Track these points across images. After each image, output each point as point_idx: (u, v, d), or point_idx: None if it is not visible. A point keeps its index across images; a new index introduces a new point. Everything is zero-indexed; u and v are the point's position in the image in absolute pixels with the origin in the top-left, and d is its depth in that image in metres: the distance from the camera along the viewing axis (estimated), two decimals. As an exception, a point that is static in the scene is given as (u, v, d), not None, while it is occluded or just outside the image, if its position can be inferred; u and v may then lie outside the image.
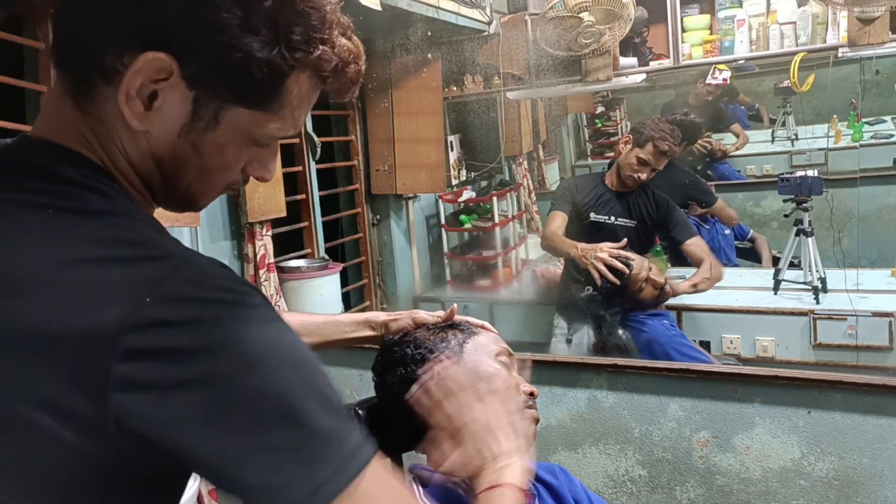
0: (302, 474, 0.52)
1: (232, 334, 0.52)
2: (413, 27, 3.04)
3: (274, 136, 0.62)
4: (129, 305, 0.50)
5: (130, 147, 0.59)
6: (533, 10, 3.17)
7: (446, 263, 3.71)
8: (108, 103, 0.57)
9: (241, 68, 0.55)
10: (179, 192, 0.63)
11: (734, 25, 2.90)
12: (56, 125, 0.59)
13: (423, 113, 3.32)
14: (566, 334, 2.71)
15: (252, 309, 0.55)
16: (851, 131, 3.86)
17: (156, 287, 0.51)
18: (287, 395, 0.53)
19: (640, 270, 2.39)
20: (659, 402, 1.71)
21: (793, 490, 1.59)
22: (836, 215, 2.92)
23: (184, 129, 0.58)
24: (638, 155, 2.56)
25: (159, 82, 0.55)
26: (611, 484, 1.78)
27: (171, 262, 0.53)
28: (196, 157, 0.60)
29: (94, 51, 0.55)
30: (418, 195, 3.59)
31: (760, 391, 1.62)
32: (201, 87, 0.56)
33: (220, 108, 0.58)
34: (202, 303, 0.52)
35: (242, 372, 0.52)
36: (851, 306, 2.57)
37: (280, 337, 0.56)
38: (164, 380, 0.50)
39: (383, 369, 1.03)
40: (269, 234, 2.51)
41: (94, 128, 0.58)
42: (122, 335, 0.49)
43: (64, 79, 0.59)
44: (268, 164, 0.66)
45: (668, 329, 2.45)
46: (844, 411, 1.54)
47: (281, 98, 0.59)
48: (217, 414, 0.51)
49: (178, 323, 0.51)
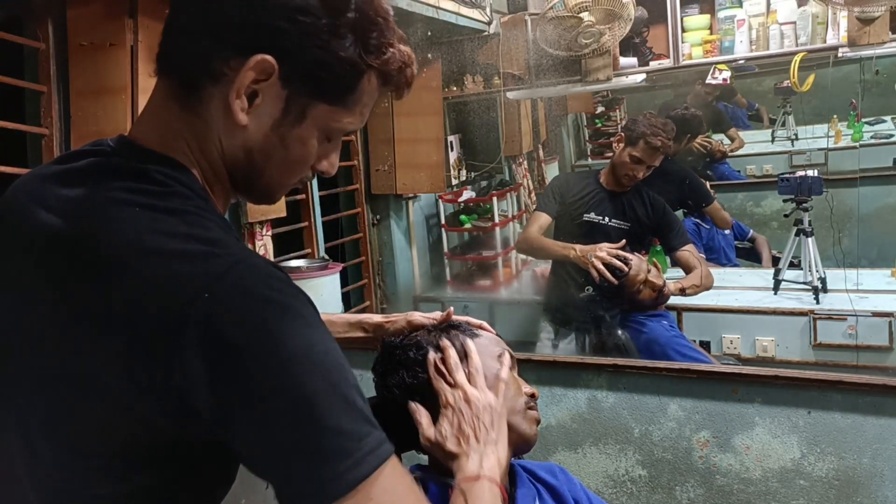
0: (324, 465, 0.59)
1: (274, 334, 0.59)
2: (413, 27, 3.04)
3: (345, 130, 0.72)
4: (190, 297, 0.58)
5: (227, 141, 0.68)
6: (533, 10, 3.17)
7: (446, 263, 3.70)
8: (212, 102, 0.67)
9: (328, 68, 0.66)
10: (262, 182, 0.72)
11: (734, 25, 2.90)
12: (154, 129, 0.69)
13: (423, 113, 3.32)
14: (552, 339, 2.69)
15: (296, 311, 0.61)
16: (851, 131, 3.87)
17: (214, 283, 0.59)
18: (316, 395, 0.59)
19: (638, 272, 2.38)
20: (659, 402, 1.71)
21: (793, 490, 1.59)
22: (836, 215, 2.92)
23: (276, 124, 0.67)
24: (631, 153, 2.53)
25: (260, 83, 0.65)
26: (611, 484, 1.78)
27: (229, 260, 0.61)
28: (282, 150, 0.69)
29: (205, 57, 0.65)
30: (418, 195, 3.59)
31: (760, 391, 1.62)
32: (293, 86, 0.66)
33: (307, 104, 0.67)
34: (251, 301, 0.59)
35: (278, 370, 0.58)
36: (851, 306, 2.57)
37: (317, 341, 0.62)
38: (214, 368, 0.58)
39: (384, 370, 1.03)
40: (269, 234, 2.51)
41: (196, 126, 0.68)
42: (183, 325, 0.57)
43: (169, 84, 0.68)
44: (333, 160, 0.75)
45: (667, 330, 2.45)
46: (844, 411, 1.54)
47: (356, 95, 0.69)
48: (250, 404, 0.58)
49: (227, 320, 0.58)
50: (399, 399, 0.99)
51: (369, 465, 0.60)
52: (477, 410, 0.90)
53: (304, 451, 0.59)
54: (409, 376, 0.98)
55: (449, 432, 0.89)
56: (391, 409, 1.01)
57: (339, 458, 0.59)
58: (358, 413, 0.62)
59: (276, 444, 0.59)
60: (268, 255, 2.49)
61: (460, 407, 0.90)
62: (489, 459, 0.86)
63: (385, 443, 0.63)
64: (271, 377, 0.58)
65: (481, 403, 0.90)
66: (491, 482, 0.83)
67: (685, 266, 2.61)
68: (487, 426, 0.89)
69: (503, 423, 0.92)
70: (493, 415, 0.91)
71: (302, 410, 0.59)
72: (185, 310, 0.57)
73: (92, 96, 1.91)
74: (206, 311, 0.57)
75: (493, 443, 0.88)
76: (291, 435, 0.59)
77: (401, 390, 0.99)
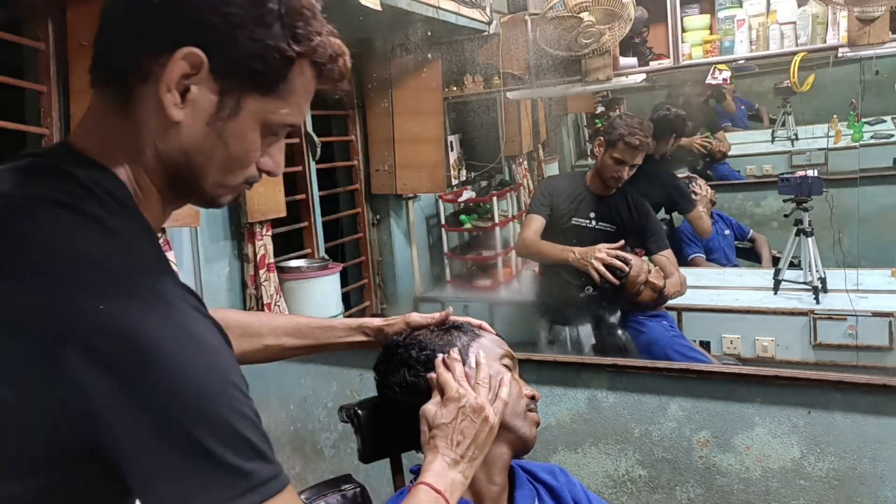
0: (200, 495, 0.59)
1: (153, 360, 0.58)
2: (413, 27, 3.04)
3: (284, 122, 0.71)
4: (77, 310, 0.57)
5: (163, 142, 0.67)
6: (533, 10, 3.16)
7: (446, 263, 3.70)
8: (144, 102, 0.66)
9: (258, 58, 0.65)
10: (204, 184, 0.71)
11: (734, 25, 2.89)
12: (89, 134, 0.69)
13: (423, 113, 3.32)
14: (548, 336, 2.69)
15: (178, 337, 0.60)
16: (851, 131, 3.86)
17: (102, 299, 0.58)
18: (197, 426, 0.59)
19: (638, 273, 2.38)
20: (659, 402, 1.71)
21: (793, 490, 1.59)
22: (836, 215, 2.92)
23: (211, 119, 0.67)
24: (612, 155, 2.53)
25: (191, 77, 0.64)
26: (611, 484, 1.78)
27: (128, 276, 0.61)
28: (222, 147, 0.68)
29: (134, 57, 0.65)
30: (418, 195, 3.59)
31: (760, 391, 1.62)
32: (225, 78, 0.66)
33: (241, 96, 0.67)
34: (135, 325, 0.58)
35: (155, 401, 0.58)
36: (851, 306, 2.57)
37: (202, 370, 0.61)
38: (93, 385, 0.57)
39: (386, 369, 1.03)
40: (269, 234, 2.51)
41: (129, 129, 0.67)
42: (67, 337, 0.57)
43: (103, 90, 0.69)
44: (277, 157, 0.74)
45: (667, 330, 2.45)
46: (844, 411, 1.54)
47: (288, 84, 0.69)
48: (129, 431, 0.58)
49: (107, 339, 0.57)
50: (401, 398, 0.99)
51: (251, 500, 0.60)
52: (477, 424, 0.90)
53: (177, 480, 0.58)
54: (411, 375, 0.98)
55: (446, 424, 0.90)
56: (392, 407, 1.01)
57: (216, 490, 0.59)
58: (243, 444, 0.61)
59: (152, 473, 0.59)
60: (268, 256, 2.49)
61: (467, 412, 0.91)
62: (457, 478, 0.88)
63: (273, 479, 0.62)
64: (150, 407, 0.57)
65: (486, 418, 0.91)
66: (440, 497, 0.85)
67: (661, 270, 2.62)
68: (479, 444, 0.90)
69: (490, 442, 0.92)
70: (489, 435, 0.92)
71: (180, 441, 0.58)
72: (72, 320, 0.57)
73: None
74: (88, 327, 0.57)
75: (471, 461, 0.90)
76: (167, 465, 0.58)
77: (402, 389, 0.99)
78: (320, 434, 2.21)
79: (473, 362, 0.98)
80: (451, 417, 0.90)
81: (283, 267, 2.65)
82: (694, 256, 3.49)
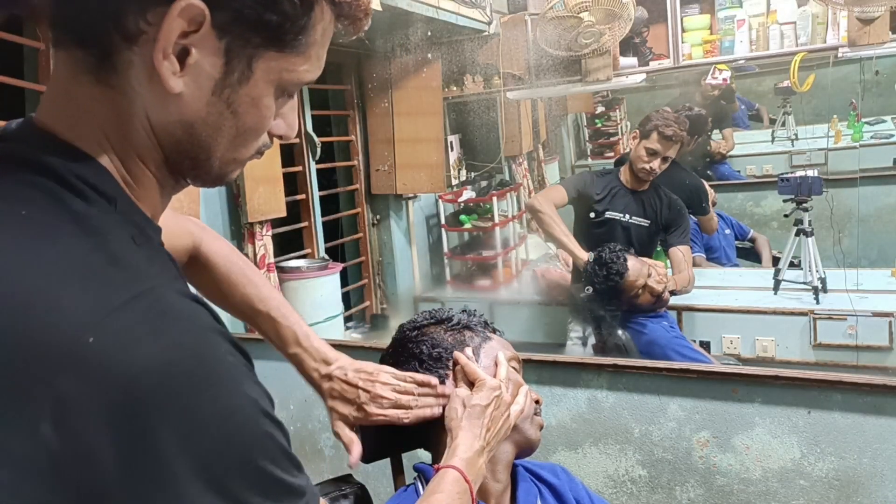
0: None
1: (180, 398, 0.47)
2: (413, 27, 3.04)
3: (303, 80, 0.59)
4: (71, 338, 0.45)
5: (158, 116, 0.54)
6: (533, 10, 3.17)
7: (446, 263, 3.71)
8: (131, 70, 0.52)
9: (273, 4, 0.52)
10: (211, 161, 0.58)
11: (734, 25, 2.90)
12: (60, 109, 0.55)
13: (423, 113, 3.32)
14: (581, 337, 2.70)
15: (209, 366, 0.50)
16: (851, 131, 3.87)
17: (104, 320, 0.46)
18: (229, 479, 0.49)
19: (637, 277, 2.39)
20: (659, 402, 1.71)
21: (793, 490, 1.59)
22: (836, 215, 2.92)
23: (218, 86, 0.54)
24: (646, 146, 2.58)
25: (189, 35, 0.51)
26: (611, 484, 1.78)
27: (131, 290, 0.48)
28: (231, 117, 0.56)
29: (114, 13, 0.50)
30: (418, 195, 3.59)
31: (760, 391, 1.62)
32: (232, 34, 0.52)
33: (252, 55, 0.54)
34: (158, 349, 0.47)
35: (181, 452, 0.47)
36: (851, 306, 2.57)
37: (235, 407, 0.51)
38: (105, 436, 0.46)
39: (395, 362, 1.03)
40: (269, 234, 2.51)
41: (114, 103, 0.53)
42: (61, 372, 0.44)
43: (75, 55, 0.53)
44: (290, 119, 0.62)
45: (667, 331, 2.45)
46: (844, 411, 1.54)
47: (309, 34, 0.56)
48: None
49: (121, 372, 0.45)
50: None
51: None
52: (502, 418, 0.93)
53: None
54: (423, 369, 0.99)
55: (482, 407, 0.92)
56: None
57: None
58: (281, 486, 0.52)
59: None
60: (268, 256, 2.49)
61: (500, 403, 0.94)
62: (482, 469, 0.89)
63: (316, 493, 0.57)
64: (164, 466, 0.45)
65: (510, 415, 0.95)
66: (468, 488, 0.86)
67: (673, 263, 2.67)
68: (499, 438, 0.93)
69: (502, 440, 0.96)
70: (506, 433, 0.95)
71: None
72: (68, 350, 0.44)
73: (92, 96, 1.90)
74: (91, 355, 0.44)
75: (489, 453, 0.92)
76: None
77: None
78: (320, 434, 2.21)
79: (493, 362, 1.00)
80: (487, 402, 0.92)
81: (283, 267, 2.65)
82: (694, 256, 3.49)
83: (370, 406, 0.96)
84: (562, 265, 3.49)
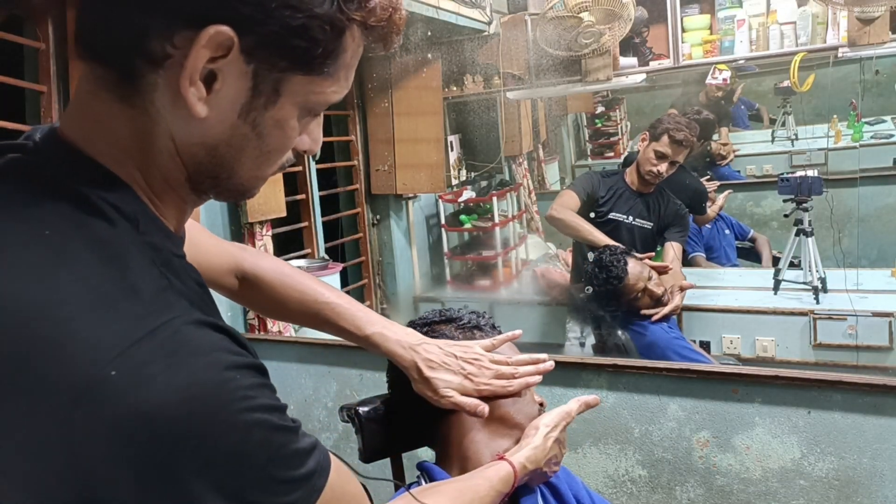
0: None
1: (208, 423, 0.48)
2: (413, 27, 3.04)
3: (329, 101, 0.58)
4: (96, 366, 0.45)
5: (183, 138, 0.54)
6: (533, 10, 3.17)
7: (446, 263, 3.71)
8: (156, 92, 0.52)
9: (303, 30, 0.51)
10: (235, 181, 0.58)
11: (734, 25, 2.90)
12: (84, 125, 0.54)
13: (423, 113, 3.32)
14: (579, 338, 2.71)
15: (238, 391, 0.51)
16: (851, 131, 3.87)
17: (128, 350, 0.46)
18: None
19: (637, 280, 2.39)
20: (659, 402, 1.71)
21: (793, 490, 1.59)
22: (836, 215, 2.92)
23: (244, 110, 0.53)
24: (655, 148, 2.58)
25: (217, 60, 0.50)
26: (611, 484, 1.78)
27: (156, 319, 0.48)
28: (256, 139, 0.55)
29: (139, 35, 0.50)
30: (418, 195, 3.59)
31: (760, 391, 1.62)
32: (260, 59, 0.52)
33: (280, 79, 0.53)
34: (186, 379, 0.48)
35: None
36: (851, 306, 2.57)
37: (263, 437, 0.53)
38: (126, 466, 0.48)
39: None
40: (269, 234, 2.51)
41: (138, 123, 0.53)
42: (84, 400, 0.45)
43: (96, 71, 0.53)
44: (316, 134, 0.62)
45: (667, 331, 2.45)
46: (844, 411, 1.54)
47: (338, 58, 0.55)
48: None
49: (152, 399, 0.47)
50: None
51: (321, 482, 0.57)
52: (555, 451, 0.98)
53: None
54: None
55: (551, 428, 0.97)
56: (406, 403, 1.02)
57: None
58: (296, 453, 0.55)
59: None
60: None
61: (562, 438, 0.99)
62: (523, 474, 0.93)
63: (324, 456, 0.59)
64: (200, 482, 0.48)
65: (559, 454, 0.99)
66: (508, 491, 0.90)
67: (666, 257, 2.70)
68: (543, 463, 0.96)
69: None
70: (541, 463, 0.97)
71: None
72: (87, 384, 0.44)
73: (92, 96, 1.91)
74: (110, 389, 0.44)
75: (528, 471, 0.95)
76: None
77: None
78: (320, 434, 2.21)
79: None
80: (554, 425, 0.97)
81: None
82: (694, 255, 3.49)
83: (478, 377, 0.98)
84: (561, 265, 3.50)
